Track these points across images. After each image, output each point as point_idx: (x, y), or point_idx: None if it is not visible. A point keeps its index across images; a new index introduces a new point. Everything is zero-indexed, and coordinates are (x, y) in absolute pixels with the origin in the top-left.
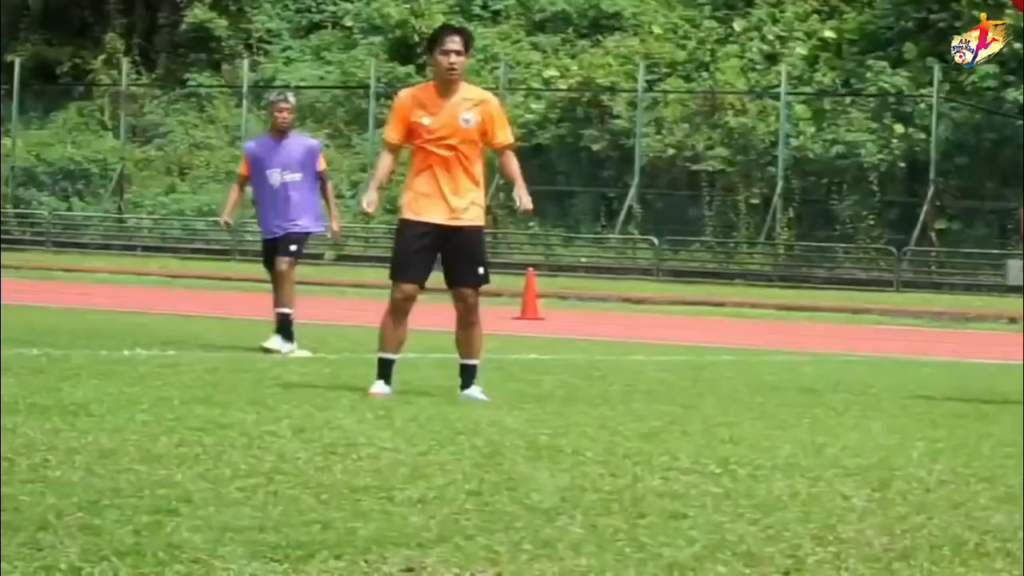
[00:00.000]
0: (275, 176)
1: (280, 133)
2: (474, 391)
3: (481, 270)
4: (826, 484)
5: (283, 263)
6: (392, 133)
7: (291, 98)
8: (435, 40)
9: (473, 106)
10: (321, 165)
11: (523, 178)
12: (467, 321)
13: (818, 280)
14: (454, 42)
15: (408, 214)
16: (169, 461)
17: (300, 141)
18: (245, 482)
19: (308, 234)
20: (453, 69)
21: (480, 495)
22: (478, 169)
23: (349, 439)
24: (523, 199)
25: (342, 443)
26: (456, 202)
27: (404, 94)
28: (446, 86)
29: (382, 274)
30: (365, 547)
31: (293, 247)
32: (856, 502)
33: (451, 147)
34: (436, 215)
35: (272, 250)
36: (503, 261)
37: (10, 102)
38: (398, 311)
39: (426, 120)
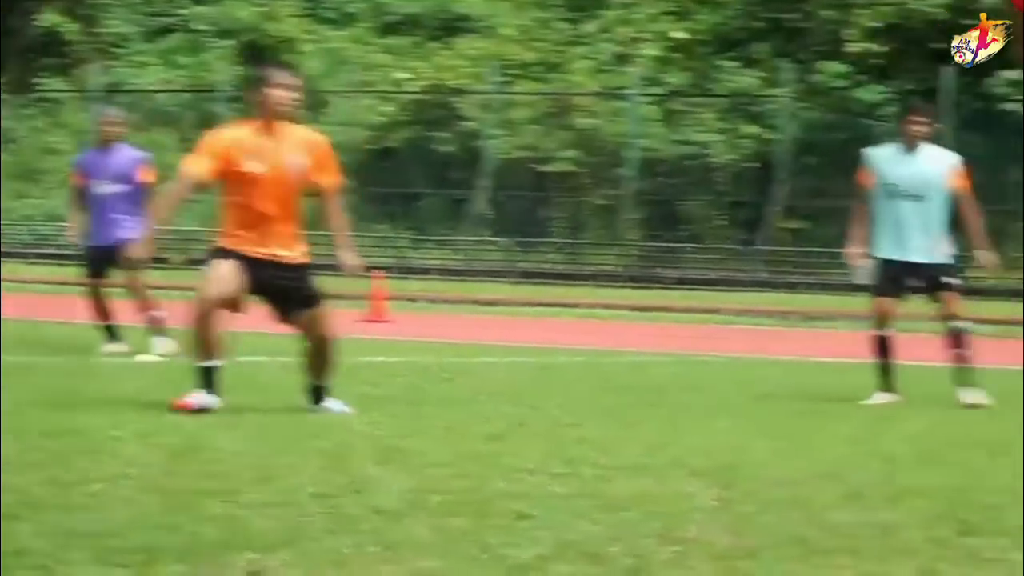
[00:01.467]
0: (101, 187)
1: (107, 145)
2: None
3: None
4: (672, 484)
5: (127, 277)
6: (202, 168)
7: (116, 112)
8: (261, 78)
9: (303, 147)
10: (145, 176)
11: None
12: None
13: (669, 280)
14: (289, 78)
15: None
16: (13, 466)
17: (126, 154)
18: (90, 487)
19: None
20: (291, 105)
21: (326, 498)
22: (298, 218)
23: (194, 443)
24: (349, 258)
25: (187, 447)
26: (284, 253)
27: (218, 133)
28: (272, 126)
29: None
30: (210, 551)
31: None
32: (702, 501)
33: (278, 196)
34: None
35: (96, 257)
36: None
37: None
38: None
39: (252, 165)
